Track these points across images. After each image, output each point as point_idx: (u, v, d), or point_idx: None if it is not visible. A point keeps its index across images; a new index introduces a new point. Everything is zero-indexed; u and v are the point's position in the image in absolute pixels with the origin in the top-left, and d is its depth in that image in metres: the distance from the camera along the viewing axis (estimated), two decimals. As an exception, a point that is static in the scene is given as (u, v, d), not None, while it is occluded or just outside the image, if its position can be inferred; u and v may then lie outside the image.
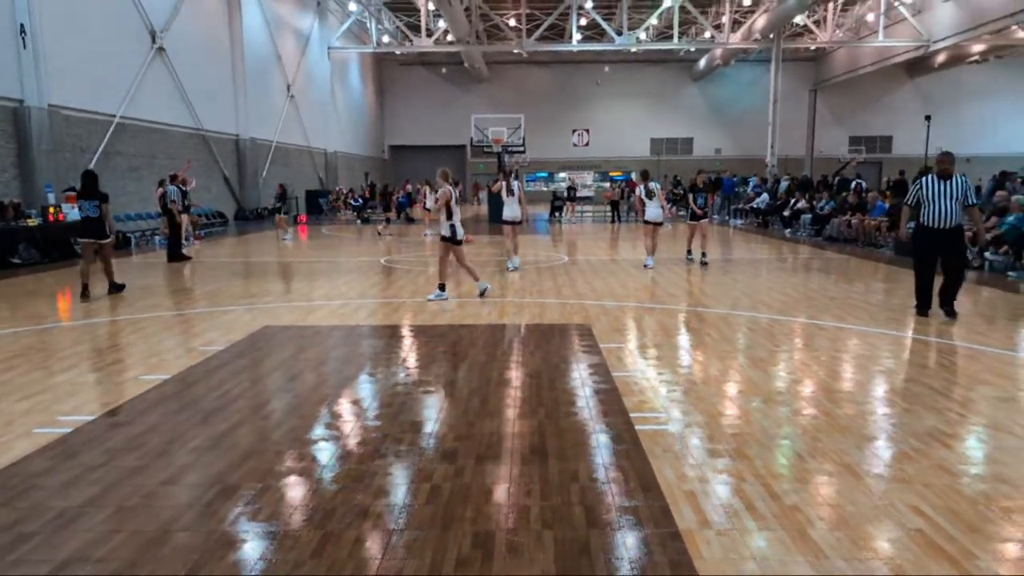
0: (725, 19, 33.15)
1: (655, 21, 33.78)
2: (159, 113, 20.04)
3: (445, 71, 43.33)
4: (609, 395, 5.10)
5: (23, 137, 14.89)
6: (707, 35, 35.01)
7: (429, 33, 33.27)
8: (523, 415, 4.68)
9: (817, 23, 33.46)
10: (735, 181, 29.03)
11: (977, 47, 33.21)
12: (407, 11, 35.56)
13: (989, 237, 11.41)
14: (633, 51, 36.93)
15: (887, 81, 40.93)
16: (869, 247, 15.39)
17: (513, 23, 34.72)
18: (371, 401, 5.11)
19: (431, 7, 31.50)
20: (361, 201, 27.96)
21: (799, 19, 31.65)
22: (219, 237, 20.03)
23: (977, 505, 3.38)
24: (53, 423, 4.59)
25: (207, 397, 5.12)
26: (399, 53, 39.62)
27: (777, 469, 3.82)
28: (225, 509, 3.36)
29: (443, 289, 9.16)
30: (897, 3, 30.11)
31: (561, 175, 40.84)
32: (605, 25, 31.80)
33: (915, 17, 29.72)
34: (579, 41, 33.82)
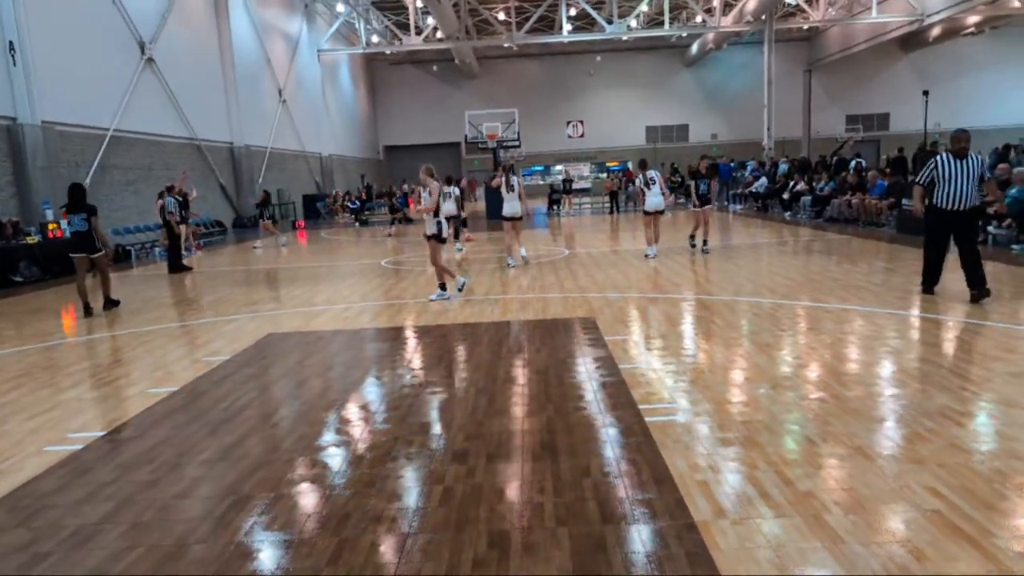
0: (716, 2, 32.99)
1: (645, 8, 33.64)
2: (152, 124, 20.02)
3: (436, 69, 43.21)
4: (617, 388, 5.09)
5: (18, 154, 14.88)
6: (698, 19, 34.90)
7: (418, 31, 33.18)
8: (531, 412, 4.67)
9: (809, 2, 33.31)
10: (732, 166, 28.95)
11: (972, 19, 33.03)
12: (395, 10, 35.47)
13: (992, 211, 11.36)
14: (624, 39, 36.81)
15: (882, 58, 40.73)
16: (871, 226, 15.34)
17: (502, 17, 34.60)
18: (379, 404, 5.11)
19: (419, 4, 31.42)
20: (359, 203, 27.93)
21: (790, -1, 31.55)
22: (218, 246, 20.03)
23: (992, 483, 3.37)
24: (63, 440, 4.59)
25: (215, 408, 5.12)
26: (389, 53, 39.53)
27: (789, 455, 3.81)
28: (239, 520, 3.36)
29: (444, 288, 9.14)
30: (888, -22, 29.99)
31: (557, 168, 40.73)
32: (595, 14, 31.68)
33: (907, -9, 29.58)
34: (569, 32, 33.74)
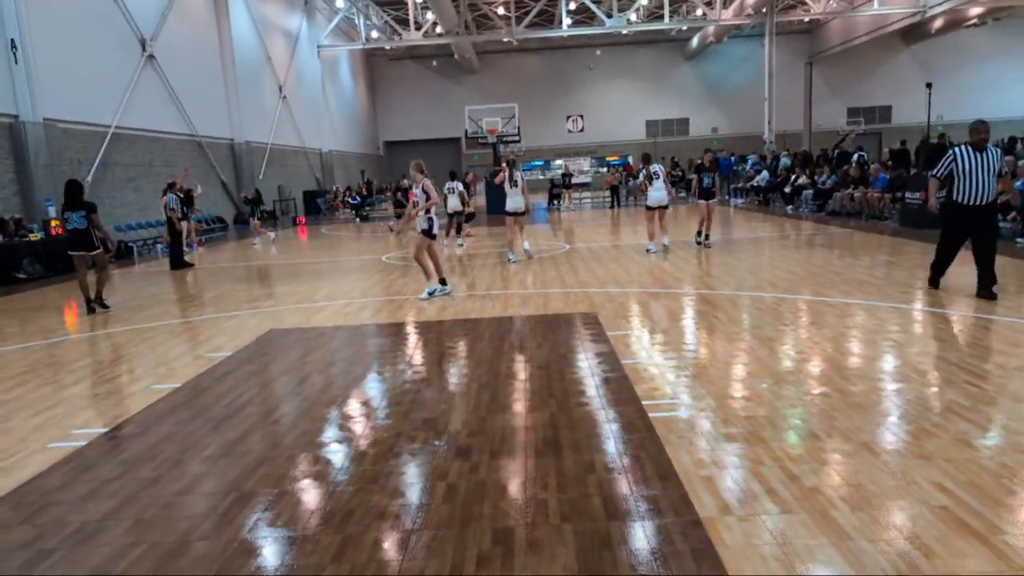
0: (716, -4, 32.89)
1: (645, 1, 33.52)
2: (153, 121, 19.99)
3: (436, 64, 43.10)
4: (620, 383, 5.07)
5: (20, 152, 14.86)
6: (698, 13, 34.75)
7: (418, 26, 33.07)
8: (535, 408, 4.66)
9: (810, -5, 33.17)
10: (732, 160, 28.87)
11: (974, 10, 32.76)
12: (395, 5, 35.33)
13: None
14: (624, 33, 36.64)
15: (884, 50, 40.53)
16: (873, 220, 15.30)
17: (502, 11, 34.49)
18: (381, 400, 5.10)
19: (419, 0, 31.31)
20: (359, 199, 27.89)
21: (791, -8, 31.40)
22: (220, 242, 20.02)
23: (1000, 478, 3.35)
24: (67, 437, 4.58)
25: (218, 404, 5.11)
26: (389, 48, 39.40)
27: (794, 451, 3.79)
28: (243, 517, 3.34)
29: (444, 283, 9.12)
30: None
31: (557, 162, 40.66)
32: (595, 8, 31.56)
33: (909, -17, 29.44)
34: (569, 26, 33.61)
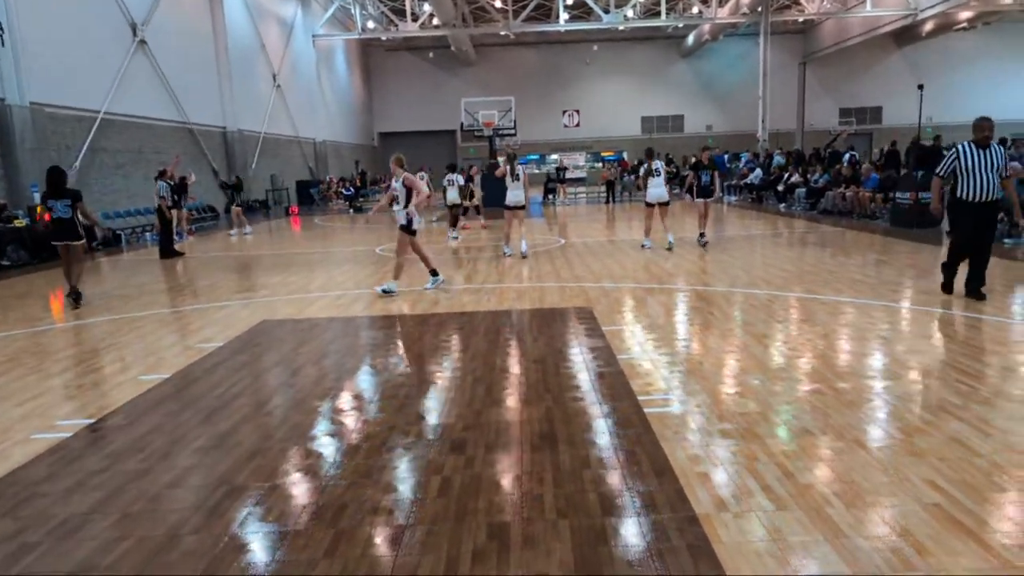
0: (712, -7, 32.87)
1: (642, -2, 33.49)
2: (144, 107, 19.78)
3: (432, 56, 42.88)
4: (615, 378, 5.05)
5: (6, 136, 14.66)
6: (695, 10, 34.71)
7: (414, 17, 32.89)
8: (530, 402, 4.63)
9: (805, -5, 33.22)
10: (726, 157, 28.91)
11: (964, 14, 32.96)
12: (391, -5, 35.15)
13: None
14: (621, 29, 36.59)
15: (875, 51, 40.69)
16: (864, 219, 15.36)
17: (499, 4, 34.32)
18: (375, 393, 5.05)
19: (415, -9, 31.15)
20: (353, 190, 27.75)
21: (787, -9, 31.43)
22: (211, 231, 19.87)
23: (991, 476, 3.36)
24: (52, 428, 4.52)
25: (208, 395, 5.06)
26: (385, 39, 39.17)
27: (789, 447, 3.78)
28: (233, 510, 3.30)
29: (436, 275, 9.06)
30: (884, -28, 29.92)
31: (552, 157, 40.62)
32: (592, 3, 31.48)
33: (903, -15, 29.53)
34: (566, 21, 33.50)
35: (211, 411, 4.70)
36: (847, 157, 19.56)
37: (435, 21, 32.27)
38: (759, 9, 30.89)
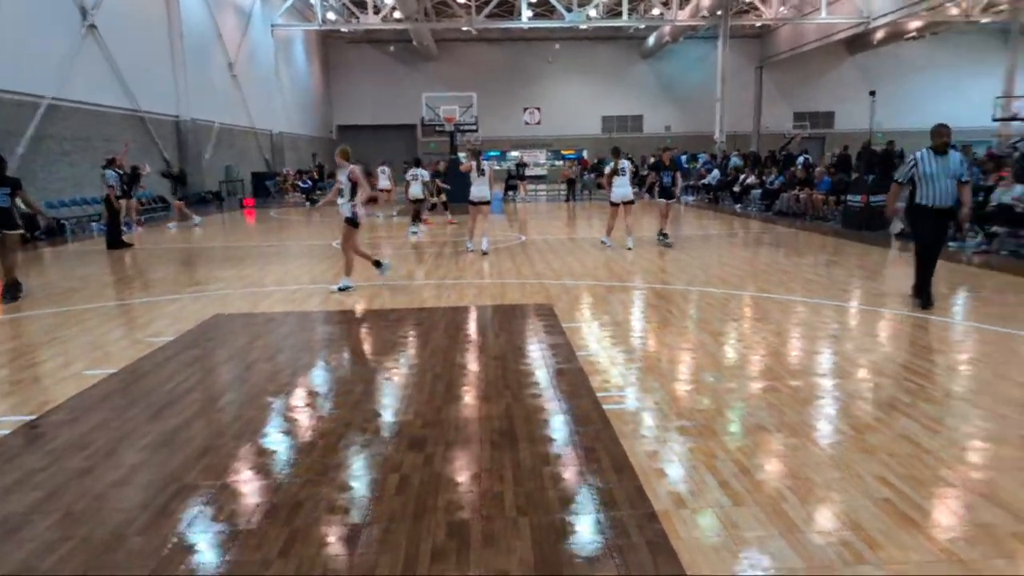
0: (673, -4, 33.23)
1: (604, -2, 33.67)
2: (93, 94, 19.09)
3: (393, 49, 42.39)
4: (575, 375, 5.05)
5: (-56, 120, 14.00)
6: (656, 12, 35.07)
7: (376, 10, 32.47)
8: (490, 399, 4.60)
9: (763, 0, 33.82)
10: (684, 158, 29.31)
11: (914, 23, 34.05)
12: (352, -13, 34.61)
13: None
14: (583, 28, 36.72)
15: (829, 58, 41.67)
16: (817, 221, 15.72)
17: (462, 0, 34.14)
18: (331, 390, 4.96)
19: (377, -17, 30.74)
20: (310, 183, 27.28)
21: (745, -4, 31.99)
22: (161, 222, 19.31)
23: (938, 472, 3.45)
24: (-10, 424, 4.32)
25: (157, 391, 4.90)
26: (345, 31, 38.58)
27: (745, 444, 3.83)
28: (182, 509, 3.20)
29: (379, 265, 8.86)
30: (839, -20, 30.65)
31: (513, 154, 40.61)
32: (555, 1, 31.54)
33: (856, -6, 30.30)
34: (529, 18, 33.49)
35: (160, 407, 4.56)
36: (801, 160, 20.00)
37: (397, 14, 31.93)
38: (718, 13, 31.36)
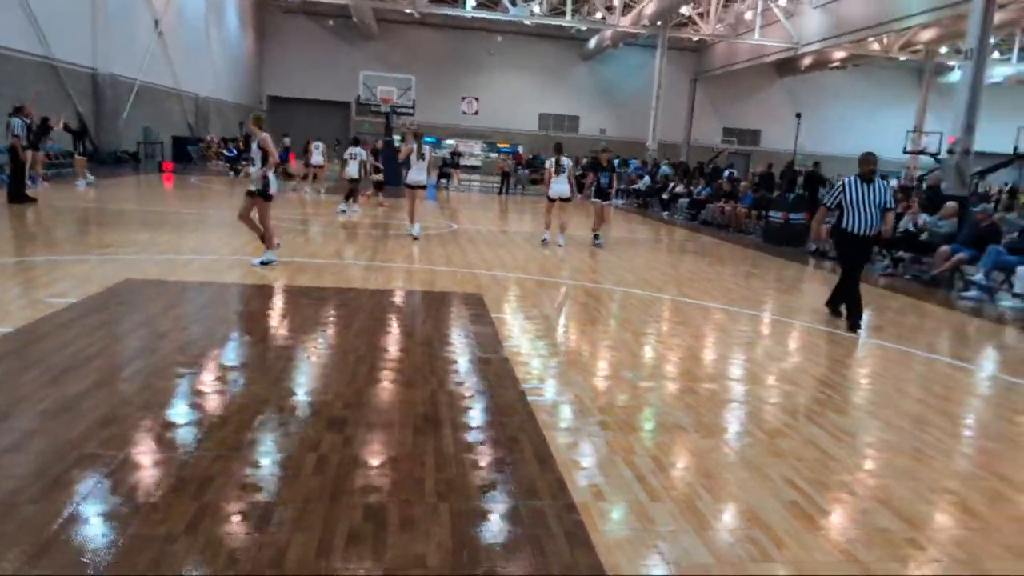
0: (616, 1, 33.69)
1: (550, -5, 33.79)
2: (2, 37, 17.73)
3: (332, 24, 41.26)
4: (501, 365, 5.05)
5: None
6: (598, 15, 35.49)
7: (316, -20, 31.53)
8: (414, 384, 4.53)
9: (701, 15, 34.76)
10: (617, 162, 29.82)
11: (839, 54, 35.87)
12: (294, -46, 33.48)
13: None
14: (526, 23, 36.78)
15: (760, 78, 43.33)
16: (739, 233, 16.31)
17: (407, -19, 33.55)
18: (247, 365, 4.78)
19: (320, -47, 29.82)
20: (236, 152, 26.25)
21: (685, 9, 32.75)
22: (70, 179, 18.15)
23: (841, 477, 3.63)
24: None
25: (58, 354, 4.59)
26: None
27: (662, 441, 3.92)
28: (80, 480, 3.00)
29: (269, 250, 8.31)
30: (772, 5, 31.82)
31: (449, 142, 40.31)
32: (501, -7, 31.46)
33: (787, 20, 31.54)
34: (473, 7, 33.28)
35: (60, 371, 4.27)
36: (727, 174, 20.73)
37: (339, -13, 31.09)
38: (659, 23, 32.02)
